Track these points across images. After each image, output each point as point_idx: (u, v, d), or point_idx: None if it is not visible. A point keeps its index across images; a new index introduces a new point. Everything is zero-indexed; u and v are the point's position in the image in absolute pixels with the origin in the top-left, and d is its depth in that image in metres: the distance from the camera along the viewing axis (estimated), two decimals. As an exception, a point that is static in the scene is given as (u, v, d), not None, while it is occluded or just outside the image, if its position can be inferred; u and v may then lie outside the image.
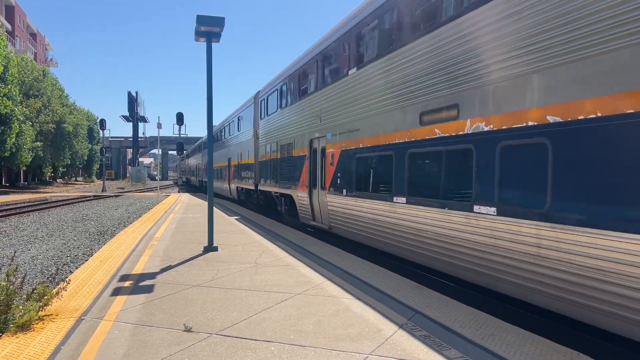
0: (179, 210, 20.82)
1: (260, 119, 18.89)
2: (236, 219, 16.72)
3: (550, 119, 5.20)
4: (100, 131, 79.30)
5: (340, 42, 10.82)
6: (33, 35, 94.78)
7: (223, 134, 29.21)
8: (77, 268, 9.10)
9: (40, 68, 49.16)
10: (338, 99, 10.83)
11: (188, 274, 7.77)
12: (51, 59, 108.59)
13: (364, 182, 9.62)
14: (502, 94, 5.90)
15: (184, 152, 49.63)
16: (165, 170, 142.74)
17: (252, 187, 20.16)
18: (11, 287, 5.56)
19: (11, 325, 5.29)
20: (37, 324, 5.43)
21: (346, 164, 10.33)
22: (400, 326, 5.16)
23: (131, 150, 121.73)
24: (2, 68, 31.00)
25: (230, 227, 13.96)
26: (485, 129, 6.14)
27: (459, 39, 6.65)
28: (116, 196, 39.55)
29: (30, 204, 29.86)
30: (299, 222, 14.23)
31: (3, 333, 5.20)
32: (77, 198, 35.67)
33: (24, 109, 39.84)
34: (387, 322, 5.32)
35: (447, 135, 6.91)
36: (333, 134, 11.12)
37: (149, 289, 6.83)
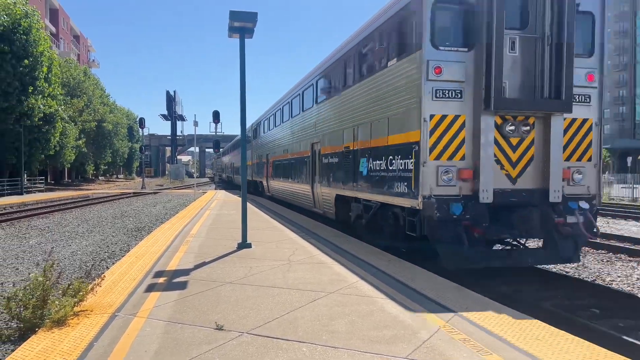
0: (215, 207, 21.00)
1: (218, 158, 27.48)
2: (269, 215, 16.72)
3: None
4: (140, 129, 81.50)
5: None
6: (76, 37, 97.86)
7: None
8: (113, 264, 9.21)
9: (82, 68, 50.64)
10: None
11: (221, 271, 7.74)
12: (93, 60, 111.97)
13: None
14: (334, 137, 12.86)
15: (220, 149, 50.33)
16: (203, 167, 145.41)
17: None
18: (47, 282, 5.63)
19: (47, 320, 5.35)
20: (72, 319, 5.46)
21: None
22: (438, 329, 4.95)
23: (170, 148, 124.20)
24: (46, 69, 32.05)
25: (264, 224, 13.94)
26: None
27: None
28: (154, 193, 40.39)
29: (73, 200, 30.81)
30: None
31: (39, 328, 5.27)
32: (117, 195, 36.60)
33: (68, 109, 41.14)
34: (424, 323, 5.12)
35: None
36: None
37: (182, 286, 6.82)
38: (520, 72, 7.89)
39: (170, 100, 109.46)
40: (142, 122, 55.25)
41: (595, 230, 7.95)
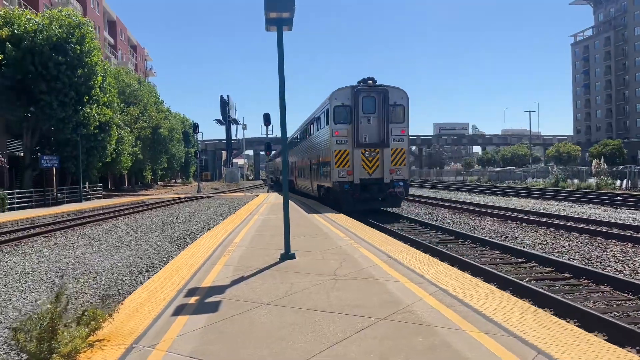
0: (264, 211, 20.41)
1: (267, 162, 47.93)
2: (317, 216, 15.88)
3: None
4: (195, 135, 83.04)
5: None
6: (133, 47, 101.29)
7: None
8: (150, 277, 8.62)
9: (136, 77, 51.87)
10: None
11: (260, 288, 6.92)
12: (150, 69, 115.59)
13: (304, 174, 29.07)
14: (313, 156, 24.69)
15: (271, 152, 50.42)
16: (257, 170, 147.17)
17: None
18: (57, 310, 4.98)
19: (55, 355, 4.70)
20: (84, 352, 4.78)
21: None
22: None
23: (225, 152, 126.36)
24: (101, 78, 32.74)
25: (311, 230, 13.10)
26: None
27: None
28: (208, 197, 40.60)
29: (128, 207, 31.24)
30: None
31: (46, 363, 4.61)
32: (172, 200, 36.98)
33: (125, 117, 42.12)
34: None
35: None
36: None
37: (214, 307, 6.04)
38: (372, 131, 19.21)
39: (225, 104, 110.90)
40: (195, 127, 56.07)
41: (405, 194, 20.03)
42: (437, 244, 13.23)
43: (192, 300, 6.49)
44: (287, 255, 9.07)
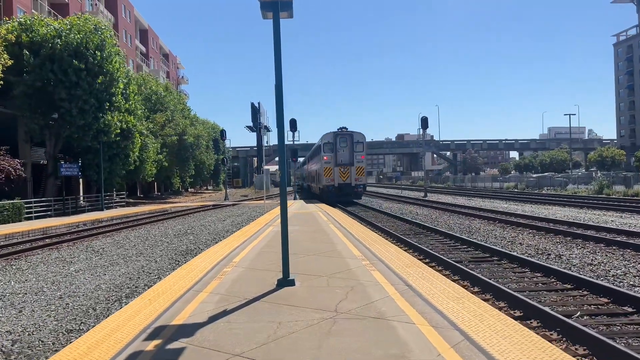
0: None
1: (299, 168, 68.66)
2: (332, 226, 14.44)
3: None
4: (226, 141, 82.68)
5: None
6: (165, 56, 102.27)
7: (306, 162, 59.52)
8: (124, 305, 7.37)
9: (163, 84, 51.63)
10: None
11: (239, 329, 5.55)
12: (182, 77, 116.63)
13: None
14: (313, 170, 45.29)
15: (297, 159, 49.78)
16: (288, 177, 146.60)
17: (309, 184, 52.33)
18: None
19: None
20: None
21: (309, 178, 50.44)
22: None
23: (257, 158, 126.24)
24: (122, 85, 32.21)
25: (322, 245, 11.66)
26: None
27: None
28: (233, 205, 39.70)
29: (148, 215, 30.49)
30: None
31: None
32: (196, 208, 36.15)
33: (149, 124, 41.67)
34: None
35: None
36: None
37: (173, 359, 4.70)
38: (344, 157, 35.66)
39: (255, 111, 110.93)
40: (223, 134, 55.47)
41: (363, 192, 37.98)
42: (469, 262, 11.58)
43: (151, 346, 5.16)
44: (285, 282, 7.68)
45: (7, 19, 30.28)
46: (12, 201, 24.61)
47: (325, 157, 35.36)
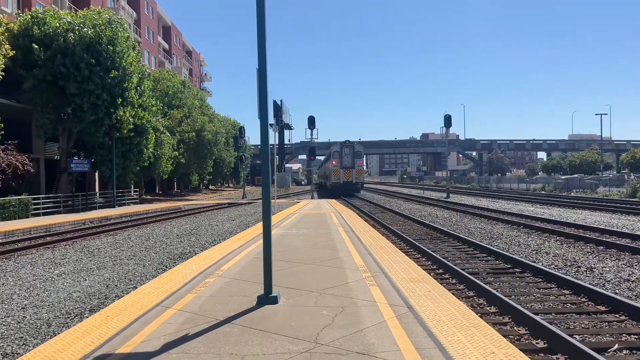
0: (289, 223, 18.07)
1: (319, 167, 74.73)
2: (342, 230, 13.30)
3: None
4: (245, 139, 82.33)
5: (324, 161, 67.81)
6: (189, 53, 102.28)
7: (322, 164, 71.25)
8: (78, 322, 6.40)
9: (180, 80, 51.12)
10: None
11: (191, 365, 4.50)
12: (205, 74, 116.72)
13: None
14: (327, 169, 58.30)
15: (315, 157, 48.70)
16: (310, 175, 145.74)
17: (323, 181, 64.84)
18: None
19: None
20: None
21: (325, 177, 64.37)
22: None
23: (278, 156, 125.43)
24: (136, 80, 31.61)
25: (323, 252, 10.54)
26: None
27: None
28: (249, 203, 38.93)
29: (160, 213, 29.84)
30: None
31: None
32: (210, 206, 35.42)
33: (165, 120, 41.12)
34: None
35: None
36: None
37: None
38: (347, 161, 49.93)
39: (277, 109, 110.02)
40: (241, 131, 54.78)
41: (361, 188, 52.76)
42: (487, 275, 10.34)
43: (75, 386, 4.14)
44: (267, 299, 6.60)
45: (20, 12, 29.92)
46: (19, 197, 24.16)
47: (333, 162, 50.59)
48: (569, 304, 7.99)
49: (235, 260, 10.06)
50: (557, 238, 15.67)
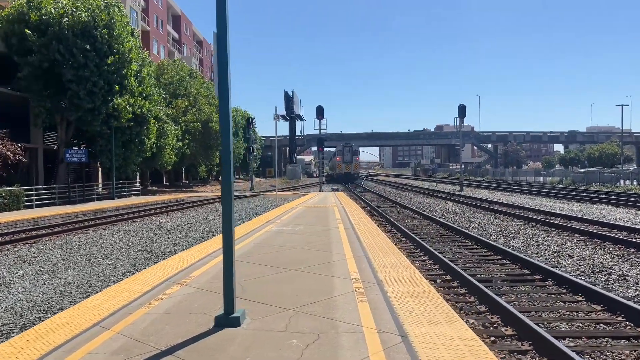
0: (288, 218, 16.81)
1: (329, 161, 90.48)
2: (341, 228, 11.98)
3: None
4: (254, 130, 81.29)
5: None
6: (199, 43, 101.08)
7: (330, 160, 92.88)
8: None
9: (187, 69, 49.90)
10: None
11: None
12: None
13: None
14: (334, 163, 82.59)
15: (324, 148, 46.95)
16: (321, 167, 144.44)
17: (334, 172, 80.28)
18: None
19: None
20: None
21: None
22: None
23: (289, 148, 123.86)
24: (136, 67, 30.42)
25: (315, 255, 9.23)
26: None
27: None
28: (254, 196, 37.71)
29: (160, 206, 28.78)
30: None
31: None
32: (213, 199, 34.29)
33: (169, 110, 39.98)
34: None
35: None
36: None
37: None
38: (348, 157, 74.12)
39: (289, 100, 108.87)
40: (249, 122, 53.56)
41: (357, 177, 74.89)
42: (502, 283, 8.97)
43: None
44: (227, 320, 5.32)
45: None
46: (9, 188, 23.17)
47: (337, 158, 75.26)
48: (602, 325, 6.59)
49: (212, 263, 8.81)
50: (581, 237, 14.17)
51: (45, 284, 9.14)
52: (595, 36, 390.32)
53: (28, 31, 25.56)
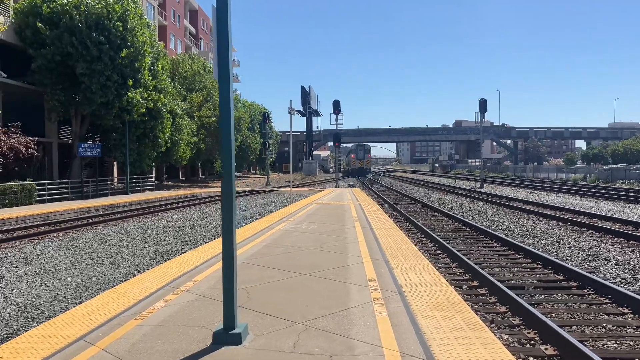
0: (302, 216, 16.13)
1: (345, 157, 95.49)
2: (358, 226, 11.24)
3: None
4: (270, 125, 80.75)
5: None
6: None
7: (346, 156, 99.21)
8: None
9: (202, 62, 49.44)
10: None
11: None
12: (233, 59, 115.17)
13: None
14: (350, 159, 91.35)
15: (340, 143, 46.00)
16: (338, 162, 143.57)
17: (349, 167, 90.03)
18: None
19: None
20: None
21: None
22: None
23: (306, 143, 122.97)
24: (150, 60, 29.94)
25: (329, 257, 8.52)
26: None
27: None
28: (270, 191, 37.13)
29: (173, 201, 28.38)
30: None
31: None
32: (228, 194, 33.71)
33: (185, 104, 39.53)
34: None
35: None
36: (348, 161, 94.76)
37: None
38: (361, 155, 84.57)
39: (306, 95, 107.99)
40: (265, 117, 52.96)
41: (368, 172, 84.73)
42: (534, 290, 8.16)
43: None
44: (227, 337, 4.65)
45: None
46: (21, 182, 22.89)
47: (352, 155, 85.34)
48: (657, 344, 5.77)
49: (217, 266, 8.14)
50: (615, 239, 13.22)
51: (42, 285, 8.60)
52: (619, 29, 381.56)
53: (40, 24, 25.23)
